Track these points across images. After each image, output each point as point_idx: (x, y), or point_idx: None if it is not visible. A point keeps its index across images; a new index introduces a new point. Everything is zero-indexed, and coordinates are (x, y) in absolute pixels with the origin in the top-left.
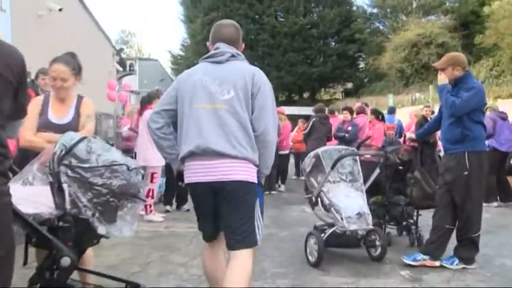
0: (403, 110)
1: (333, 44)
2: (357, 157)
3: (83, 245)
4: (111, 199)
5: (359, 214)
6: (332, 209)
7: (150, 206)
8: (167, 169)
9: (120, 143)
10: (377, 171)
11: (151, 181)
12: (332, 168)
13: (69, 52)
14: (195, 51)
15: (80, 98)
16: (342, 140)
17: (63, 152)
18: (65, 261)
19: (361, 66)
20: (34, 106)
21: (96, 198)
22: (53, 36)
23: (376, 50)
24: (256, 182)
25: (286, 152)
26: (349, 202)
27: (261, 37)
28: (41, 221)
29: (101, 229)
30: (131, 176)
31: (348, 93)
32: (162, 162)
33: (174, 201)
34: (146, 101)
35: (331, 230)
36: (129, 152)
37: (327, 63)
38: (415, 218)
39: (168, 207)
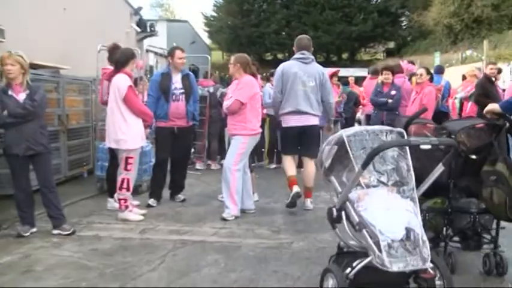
0: (452, 69)
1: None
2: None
3: None
4: None
5: (408, 240)
6: (364, 231)
7: (125, 200)
8: (157, 149)
9: None
10: (439, 168)
11: (126, 168)
12: (364, 167)
13: None
14: (228, 10)
15: None
16: (381, 108)
17: None
18: None
19: (404, 23)
20: None
21: None
22: None
23: (421, 5)
24: (320, 125)
25: None
26: (392, 219)
27: None
28: None
29: None
30: None
31: (389, 53)
32: (139, 143)
33: (167, 189)
34: (122, 63)
35: (362, 264)
36: None
37: (367, 21)
38: (493, 232)
39: (151, 201)
